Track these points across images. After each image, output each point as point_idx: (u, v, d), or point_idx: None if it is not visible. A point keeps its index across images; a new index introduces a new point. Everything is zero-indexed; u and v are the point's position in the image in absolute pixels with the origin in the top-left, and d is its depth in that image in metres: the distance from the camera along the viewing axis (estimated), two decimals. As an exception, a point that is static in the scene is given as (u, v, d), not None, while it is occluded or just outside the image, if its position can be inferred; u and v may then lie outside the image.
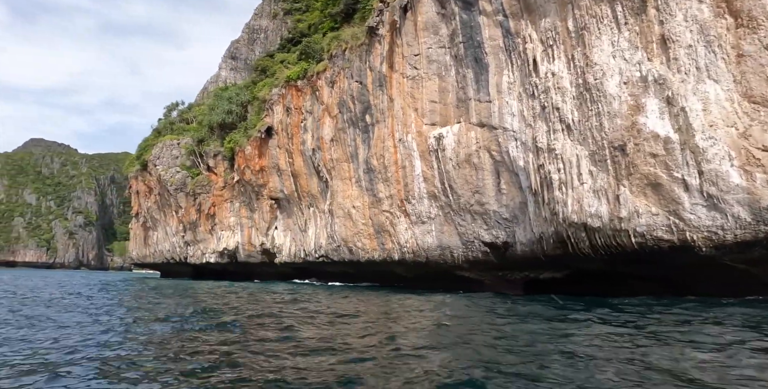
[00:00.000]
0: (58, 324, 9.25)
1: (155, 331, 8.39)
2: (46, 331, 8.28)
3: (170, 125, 48.00)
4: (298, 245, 33.72)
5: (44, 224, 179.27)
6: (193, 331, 8.10)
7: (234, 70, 73.52)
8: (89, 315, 11.08)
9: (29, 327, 8.74)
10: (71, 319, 10.01)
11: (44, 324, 9.21)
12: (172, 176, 39.85)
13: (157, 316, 9.89)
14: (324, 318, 10.02)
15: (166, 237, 45.40)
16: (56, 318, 10.19)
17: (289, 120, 31.43)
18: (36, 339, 7.45)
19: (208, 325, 8.82)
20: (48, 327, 8.80)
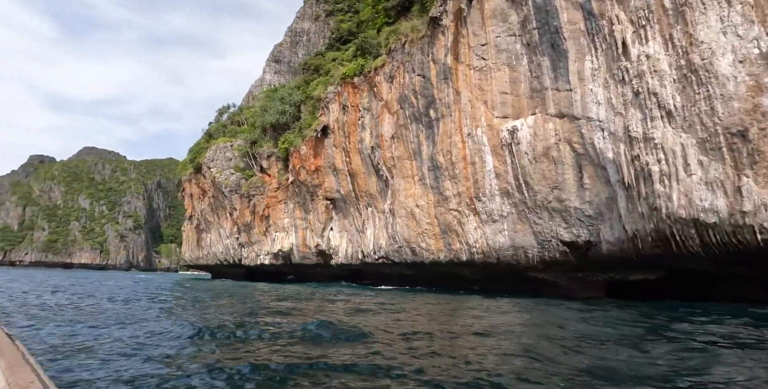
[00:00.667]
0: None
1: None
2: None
3: (222, 128, 48.43)
4: (355, 247, 32.89)
5: (97, 227, 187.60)
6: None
7: (278, 73, 74.06)
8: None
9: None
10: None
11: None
12: (226, 178, 39.94)
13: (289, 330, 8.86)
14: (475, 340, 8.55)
15: (220, 239, 45.67)
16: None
17: (346, 118, 30.66)
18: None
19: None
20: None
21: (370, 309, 13.59)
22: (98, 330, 8.43)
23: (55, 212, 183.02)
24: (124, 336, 7.61)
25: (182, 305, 15.31)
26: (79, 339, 7.35)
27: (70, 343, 6.94)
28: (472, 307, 15.46)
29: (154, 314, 11.34)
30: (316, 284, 34.95)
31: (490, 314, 13.22)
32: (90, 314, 11.11)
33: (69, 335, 7.77)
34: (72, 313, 11.13)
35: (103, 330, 8.33)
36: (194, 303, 15.79)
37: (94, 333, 7.97)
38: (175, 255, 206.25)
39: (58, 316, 10.22)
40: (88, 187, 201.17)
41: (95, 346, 6.74)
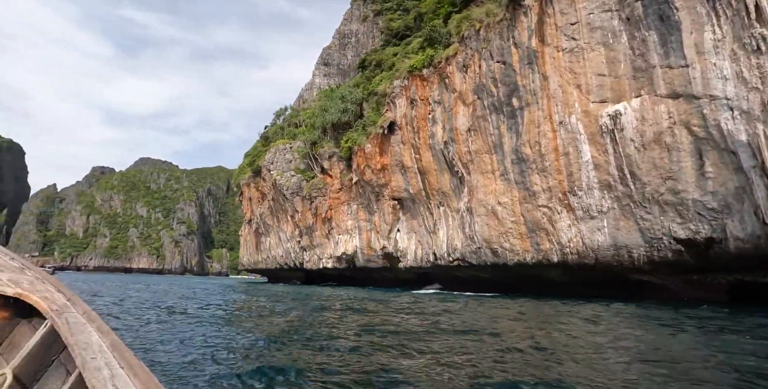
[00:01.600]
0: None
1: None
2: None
3: (280, 130, 48.03)
4: (425, 249, 31.12)
5: (154, 234, 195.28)
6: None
7: (327, 76, 73.82)
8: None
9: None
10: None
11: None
12: (287, 180, 39.26)
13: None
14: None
15: (280, 243, 45.11)
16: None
17: (415, 113, 29.03)
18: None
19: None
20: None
21: (498, 323, 11.73)
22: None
23: (116, 220, 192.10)
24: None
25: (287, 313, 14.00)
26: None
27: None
28: (595, 318, 13.24)
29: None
30: (384, 289, 33.39)
31: (617, 326, 11.05)
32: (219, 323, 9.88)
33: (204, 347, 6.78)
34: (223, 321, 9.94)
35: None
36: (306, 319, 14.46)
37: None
38: (225, 260, 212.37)
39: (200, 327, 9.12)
40: (144, 195, 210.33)
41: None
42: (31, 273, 2.27)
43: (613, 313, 13.73)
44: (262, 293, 25.89)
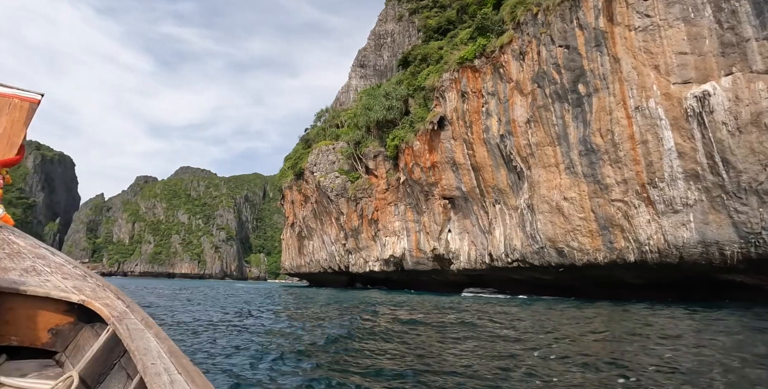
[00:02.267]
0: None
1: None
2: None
3: (322, 132, 47.46)
4: (479, 249, 29.49)
5: (195, 240, 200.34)
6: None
7: (364, 77, 73.21)
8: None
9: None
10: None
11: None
12: (331, 182, 38.46)
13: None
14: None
15: (323, 246, 44.36)
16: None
17: (467, 106, 27.56)
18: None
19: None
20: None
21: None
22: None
23: (159, 227, 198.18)
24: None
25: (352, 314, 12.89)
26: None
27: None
28: (708, 325, 11.43)
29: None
30: (434, 293, 31.96)
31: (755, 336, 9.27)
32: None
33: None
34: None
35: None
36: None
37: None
38: (263, 264, 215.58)
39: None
40: (185, 203, 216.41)
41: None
42: (93, 281, 2.41)
43: (727, 319, 11.87)
44: (315, 298, 24.99)
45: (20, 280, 2.14)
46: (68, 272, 2.46)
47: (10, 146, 3.16)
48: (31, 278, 2.24)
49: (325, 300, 21.46)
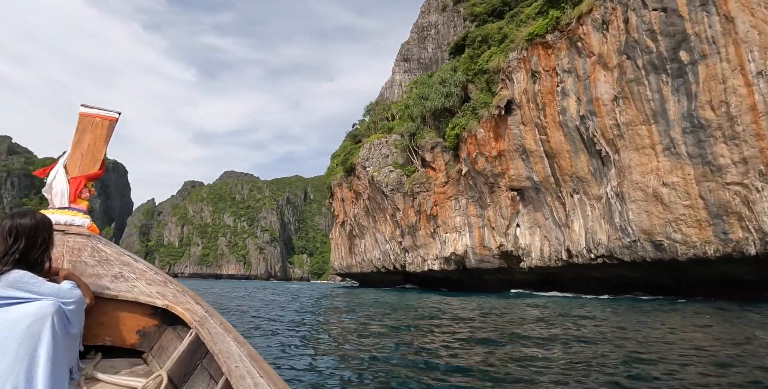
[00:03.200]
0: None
1: None
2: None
3: (373, 125, 45.78)
4: (554, 245, 26.91)
5: (240, 241, 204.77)
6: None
7: (408, 71, 71.33)
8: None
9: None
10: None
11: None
12: (385, 177, 36.66)
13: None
14: None
15: (376, 245, 42.67)
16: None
17: (538, 87, 25.10)
18: None
19: None
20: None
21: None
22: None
23: (206, 230, 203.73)
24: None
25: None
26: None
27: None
28: None
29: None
30: (498, 295, 29.59)
31: None
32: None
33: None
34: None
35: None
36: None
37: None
38: (306, 265, 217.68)
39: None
40: (230, 206, 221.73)
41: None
42: (173, 286, 2.58)
43: None
44: (380, 301, 23.26)
45: (112, 286, 2.34)
46: (151, 279, 2.67)
47: (94, 161, 3.50)
48: (120, 284, 2.42)
49: (396, 304, 19.64)
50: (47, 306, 1.67)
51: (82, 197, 3.29)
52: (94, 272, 2.45)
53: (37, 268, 1.82)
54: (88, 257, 2.68)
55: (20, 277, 1.69)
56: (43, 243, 1.85)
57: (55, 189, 3.23)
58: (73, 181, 3.28)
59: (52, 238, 1.92)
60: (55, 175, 3.28)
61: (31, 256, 1.79)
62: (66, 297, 1.77)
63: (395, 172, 36.51)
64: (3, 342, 1.55)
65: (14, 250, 1.75)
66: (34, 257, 1.81)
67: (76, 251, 2.65)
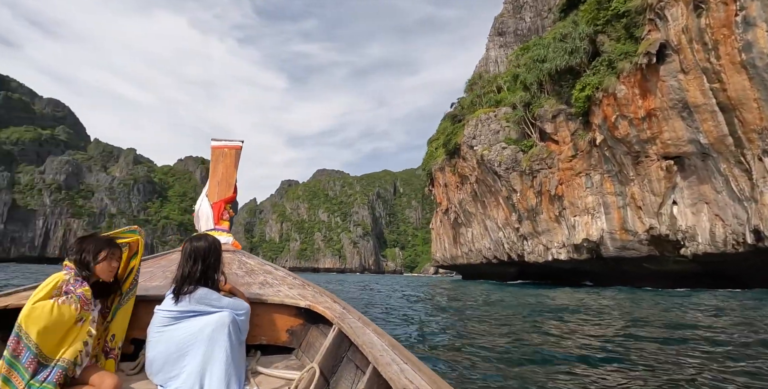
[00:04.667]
0: None
1: None
2: None
3: (477, 100, 41.46)
4: (732, 225, 21.10)
5: (335, 236, 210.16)
6: None
7: (504, 46, 65.52)
8: None
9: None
10: None
11: None
12: (497, 154, 32.35)
13: None
14: None
15: (486, 233, 38.52)
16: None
17: (706, 21, 19.48)
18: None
19: None
20: None
21: None
22: None
23: (303, 225, 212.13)
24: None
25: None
26: None
27: None
28: None
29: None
30: (657, 291, 24.16)
31: None
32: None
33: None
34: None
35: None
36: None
37: None
38: (399, 258, 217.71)
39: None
40: (324, 202, 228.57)
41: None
42: (311, 289, 2.91)
43: None
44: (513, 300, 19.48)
45: (261, 292, 2.69)
46: (291, 283, 3.05)
47: (228, 186, 4.22)
48: (267, 289, 2.79)
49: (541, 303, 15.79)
50: (225, 316, 2.05)
51: (224, 218, 4.09)
52: (244, 281, 2.91)
53: (213, 284, 2.19)
54: (237, 269, 3.24)
55: (205, 294, 2.09)
56: (216, 262, 2.21)
57: (202, 215, 4.04)
58: (214, 206, 4.06)
59: (221, 257, 2.26)
60: (200, 203, 4.10)
61: (208, 274, 2.16)
62: (238, 309, 2.17)
63: (509, 148, 31.97)
64: (192, 346, 1.96)
65: (195, 270, 2.12)
66: (210, 275, 2.17)
67: (227, 265, 2.99)
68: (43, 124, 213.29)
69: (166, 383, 1.93)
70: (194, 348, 1.94)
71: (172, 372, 1.93)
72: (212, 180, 4.07)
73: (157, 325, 2.03)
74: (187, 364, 1.92)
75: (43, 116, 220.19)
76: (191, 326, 1.99)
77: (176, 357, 1.94)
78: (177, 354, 1.94)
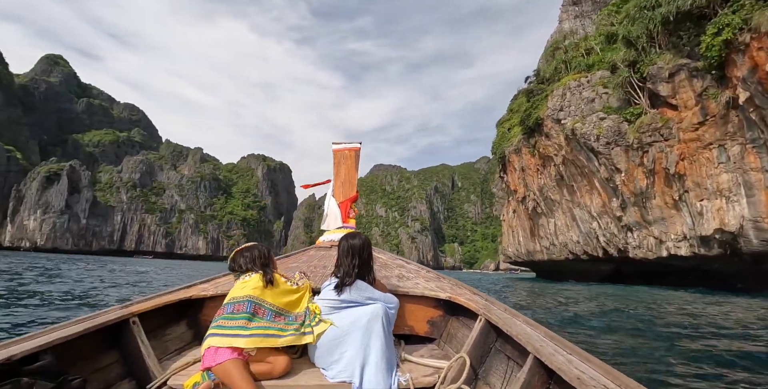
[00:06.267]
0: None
1: None
2: None
3: (563, 65, 35.33)
4: None
5: (392, 231, 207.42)
6: None
7: (579, 16, 58.17)
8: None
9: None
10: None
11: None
12: (594, 127, 26.50)
13: None
14: None
15: (574, 223, 32.62)
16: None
17: None
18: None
19: None
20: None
21: None
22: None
23: (361, 221, 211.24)
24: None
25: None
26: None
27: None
28: None
29: None
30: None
31: None
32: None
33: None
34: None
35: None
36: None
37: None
38: (458, 254, 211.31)
39: None
40: (381, 197, 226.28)
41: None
42: (447, 281, 3.00)
43: None
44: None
45: (400, 284, 2.78)
46: (425, 276, 3.13)
47: (351, 186, 4.46)
48: (405, 282, 2.87)
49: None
50: (379, 308, 2.25)
51: (350, 216, 4.31)
52: (381, 275, 2.99)
53: (368, 277, 2.42)
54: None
55: (363, 287, 2.34)
56: (368, 257, 2.45)
57: (330, 214, 4.29)
58: (341, 205, 4.29)
59: (372, 253, 2.49)
60: (328, 204, 4.35)
61: (363, 269, 2.40)
62: (390, 302, 2.38)
63: (609, 119, 25.99)
64: (350, 334, 2.16)
65: (353, 265, 2.37)
66: (365, 269, 2.41)
67: None
68: (120, 127, 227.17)
69: (328, 366, 2.17)
70: (352, 336, 2.16)
71: (333, 357, 2.17)
72: (336, 181, 4.38)
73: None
74: (347, 350, 2.14)
75: (121, 120, 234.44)
76: (349, 315, 2.24)
77: (336, 343, 2.18)
78: (337, 341, 2.18)
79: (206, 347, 2.04)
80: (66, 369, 1.76)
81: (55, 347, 1.77)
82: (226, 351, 2.00)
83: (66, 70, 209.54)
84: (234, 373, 1.94)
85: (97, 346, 2.06)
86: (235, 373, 1.94)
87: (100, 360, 2.05)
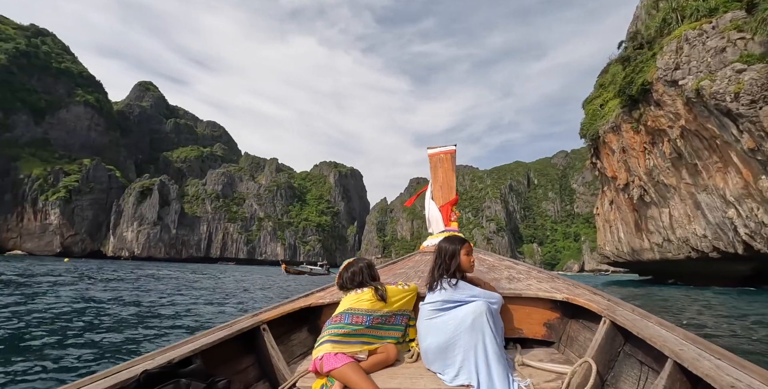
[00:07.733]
0: None
1: None
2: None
3: (672, 16, 28.63)
4: None
5: (467, 232, 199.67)
6: None
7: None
8: None
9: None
10: None
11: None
12: (729, 83, 20.11)
13: None
14: None
15: (698, 213, 25.89)
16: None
17: None
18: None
19: None
20: None
21: None
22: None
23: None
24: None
25: None
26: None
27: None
28: None
29: None
30: None
31: None
32: None
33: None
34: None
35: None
36: None
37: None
38: (537, 255, 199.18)
39: None
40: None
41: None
42: (562, 281, 2.78)
43: None
44: None
45: (511, 286, 2.62)
46: (537, 276, 2.94)
47: (450, 189, 4.46)
48: (516, 284, 2.70)
49: None
50: (480, 305, 2.15)
51: (452, 219, 4.40)
52: (491, 277, 2.89)
53: (461, 277, 2.39)
54: (479, 266, 3.24)
55: (460, 285, 2.30)
56: (455, 259, 2.40)
57: (432, 218, 4.37)
58: (442, 209, 4.36)
59: (459, 255, 2.42)
60: (429, 208, 4.42)
61: (451, 268, 2.37)
62: (491, 297, 2.28)
63: (752, 70, 19.46)
64: (459, 336, 2.09)
65: (447, 265, 2.37)
66: (456, 269, 2.38)
67: None
68: (203, 143, 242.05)
69: (443, 370, 2.13)
70: (461, 338, 2.09)
71: (447, 360, 2.12)
72: (434, 185, 4.49)
73: (424, 318, 2.30)
74: (458, 353, 2.07)
75: (204, 137, 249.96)
76: (453, 316, 2.17)
77: (446, 346, 2.13)
78: (447, 344, 2.12)
79: (324, 352, 2.15)
80: (212, 371, 1.87)
81: (202, 352, 1.93)
82: (343, 356, 2.14)
83: (156, 95, 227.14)
84: (354, 377, 2.03)
85: (236, 351, 2.24)
86: (355, 377, 2.03)
87: (239, 363, 2.23)
